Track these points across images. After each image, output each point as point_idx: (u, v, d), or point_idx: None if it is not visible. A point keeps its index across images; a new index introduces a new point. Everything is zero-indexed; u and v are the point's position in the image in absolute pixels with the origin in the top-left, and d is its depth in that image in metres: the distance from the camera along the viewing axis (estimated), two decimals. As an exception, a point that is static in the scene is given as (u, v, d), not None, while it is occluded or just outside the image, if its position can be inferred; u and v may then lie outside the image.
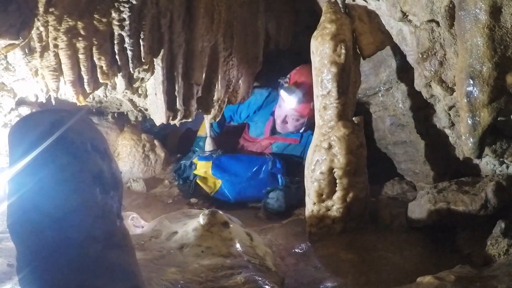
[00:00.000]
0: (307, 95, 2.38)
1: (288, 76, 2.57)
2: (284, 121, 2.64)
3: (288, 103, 2.53)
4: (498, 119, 1.22)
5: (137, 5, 1.72)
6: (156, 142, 2.76)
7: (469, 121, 1.22)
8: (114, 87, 2.13)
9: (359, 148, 1.71)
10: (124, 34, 1.76)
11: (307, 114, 2.53)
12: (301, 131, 2.65)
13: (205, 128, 2.69)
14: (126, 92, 2.22)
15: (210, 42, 2.13)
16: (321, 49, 1.70)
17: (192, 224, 1.42)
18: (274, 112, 2.72)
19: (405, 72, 2.06)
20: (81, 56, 1.70)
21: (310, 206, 1.76)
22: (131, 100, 2.37)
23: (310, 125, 2.54)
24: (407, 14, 1.48)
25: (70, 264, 0.80)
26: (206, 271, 1.20)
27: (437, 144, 1.98)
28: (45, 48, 1.66)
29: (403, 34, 1.64)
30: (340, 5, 1.79)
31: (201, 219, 1.40)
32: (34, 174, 0.80)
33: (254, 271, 1.22)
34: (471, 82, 1.17)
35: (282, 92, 2.52)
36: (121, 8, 1.69)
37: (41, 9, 1.53)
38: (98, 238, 0.83)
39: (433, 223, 1.59)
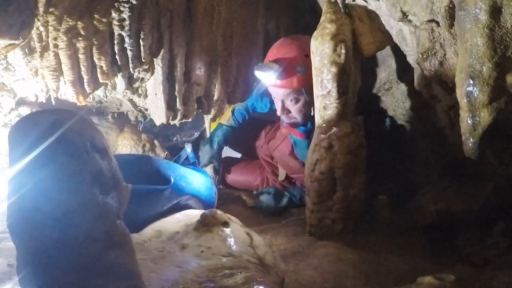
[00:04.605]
0: (290, 66, 2.05)
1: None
2: (285, 110, 2.20)
3: (267, 81, 2.12)
4: (498, 119, 1.22)
5: (137, 5, 1.72)
6: (156, 142, 2.76)
7: (469, 121, 1.22)
8: (114, 87, 2.14)
9: (359, 148, 1.71)
10: (124, 34, 1.76)
11: (301, 85, 2.08)
12: (312, 113, 2.10)
13: (228, 116, 2.50)
14: (126, 92, 2.22)
15: (210, 42, 2.13)
16: (321, 49, 1.70)
17: (192, 224, 1.42)
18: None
19: (405, 72, 2.06)
20: (81, 56, 1.70)
21: (310, 206, 1.76)
22: (131, 100, 2.38)
23: None
24: (407, 14, 1.48)
25: (70, 264, 0.80)
26: (206, 271, 1.20)
27: (437, 144, 1.98)
28: (45, 48, 1.66)
29: (403, 34, 1.64)
30: (340, 5, 1.79)
31: (201, 219, 1.40)
32: (34, 174, 0.80)
33: (254, 271, 1.22)
34: (471, 82, 1.17)
35: (257, 73, 2.11)
36: (121, 8, 1.70)
37: (41, 9, 1.53)
38: (98, 238, 0.83)
39: (433, 223, 1.59)
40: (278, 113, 2.23)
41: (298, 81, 2.06)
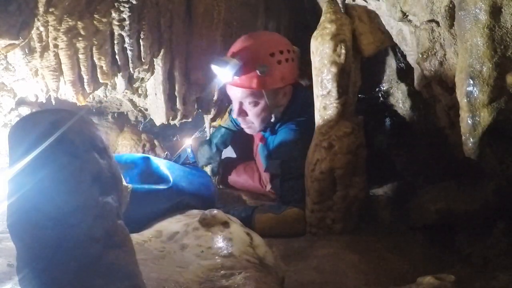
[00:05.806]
0: (250, 63, 1.84)
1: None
2: (243, 113, 1.97)
3: (223, 78, 1.89)
4: (498, 119, 1.22)
5: (137, 5, 1.73)
6: (156, 142, 2.77)
7: (469, 121, 1.22)
8: (114, 87, 2.14)
9: (359, 148, 1.71)
10: (124, 34, 1.76)
11: (261, 87, 1.86)
12: (273, 120, 1.97)
13: (225, 117, 2.42)
14: (126, 92, 2.23)
15: (210, 42, 2.13)
16: (321, 49, 1.70)
17: (192, 224, 1.42)
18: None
19: (405, 72, 2.06)
20: (81, 56, 1.71)
21: (310, 206, 1.76)
22: (131, 100, 2.38)
23: (285, 117, 1.96)
24: (407, 14, 1.48)
25: (70, 264, 0.80)
26: (206, 271, 1.20)
27: (437, 144, 1.98)
28: (45, 48, 1.66)
29: (403, 34, 1.64)
30: (340, 5, 1.79)
31: (201, 219, 1.40)
32: (34, 174, 0.80)
33: (254, 271, 1.22)
34: (471, 82, 1.17)
35: (213, 68, 1.88)
36: (121, 8, 1.70)
37: (41, 9, 1.54)
38: (98, 238, 0.83)
39: (433, 223, 1.59)
40: (234, 115, 2.02)
41: (258, 81, 1.85)
